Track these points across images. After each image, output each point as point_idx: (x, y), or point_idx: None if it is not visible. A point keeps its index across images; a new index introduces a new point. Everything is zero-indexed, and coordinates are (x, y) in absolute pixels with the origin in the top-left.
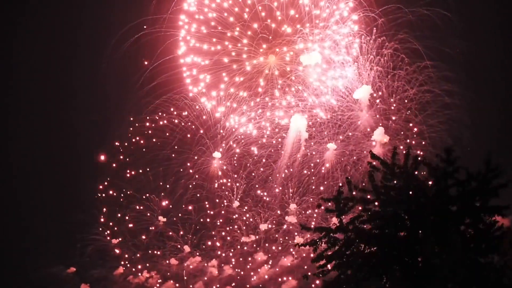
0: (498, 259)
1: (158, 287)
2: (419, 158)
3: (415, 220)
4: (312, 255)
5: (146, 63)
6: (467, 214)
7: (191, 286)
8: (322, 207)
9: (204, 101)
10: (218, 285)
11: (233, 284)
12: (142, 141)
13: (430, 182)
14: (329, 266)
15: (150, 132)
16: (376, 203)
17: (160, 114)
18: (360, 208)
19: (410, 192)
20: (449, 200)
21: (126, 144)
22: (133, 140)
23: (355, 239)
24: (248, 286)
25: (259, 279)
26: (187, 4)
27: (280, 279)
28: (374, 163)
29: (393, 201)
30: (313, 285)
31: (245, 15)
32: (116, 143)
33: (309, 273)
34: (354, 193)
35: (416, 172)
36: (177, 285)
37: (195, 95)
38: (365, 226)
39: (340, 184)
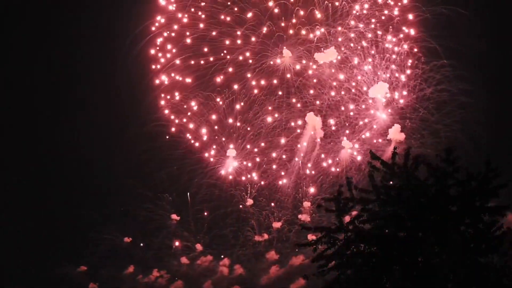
0: (498, 259)
1: (166, 287)
2: (419, 158)
3: (415, 220)
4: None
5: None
6: (467, 214)
7: (201, 285)
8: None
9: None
10: (226, 285)
11: (242, 283)
12: (156, 139)
13: (430, 182)
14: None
15: (164, 130)
16: (376, 203)
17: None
18: (360, 208)
19: (410, 192)
20: (449, 200)
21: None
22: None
23: (355, 239)
24: (257, 286)
25: (268, 279)
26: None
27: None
28: (374, 163)
29: (393, 201)
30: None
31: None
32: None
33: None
34: (354, 193)
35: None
36: (186, 284)
37: (211, 94)
38: (365, 226)
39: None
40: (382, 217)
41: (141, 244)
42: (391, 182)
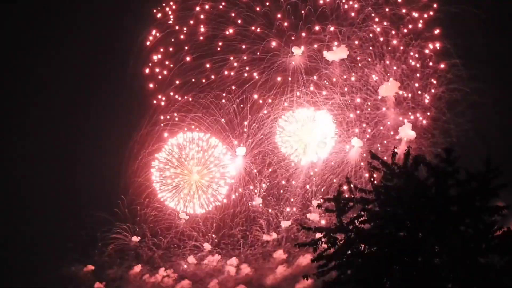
0: (498, 259)
1: (173, 286)
2: (419, 158)
3: (415, 220)
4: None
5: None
6: (467, 214)
7: (207, 285)
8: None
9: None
10: (232, 285)
11: (248, 283)
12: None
13: (430, 182)
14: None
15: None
16: (376, 203)
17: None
18: (360, 208)
19: (410, 192)
20: (449, 200)
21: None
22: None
23: (355, 239)
24: (262, 286)
25: (274, 279)
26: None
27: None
28: (374, 163)
29: (393, 201)
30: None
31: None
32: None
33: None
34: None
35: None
36: (193, 284)
37: (220, 93)
38: (365, 226)
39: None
40: (382, 217)
41: (150, 244)
42: (391, 183)
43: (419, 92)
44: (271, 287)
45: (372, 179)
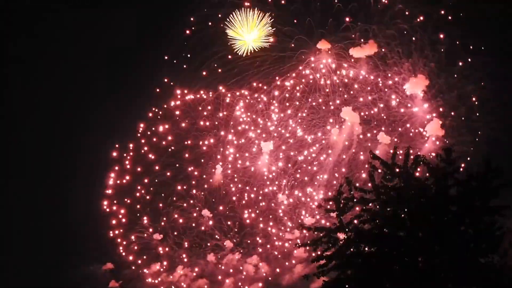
0: (498, 259)
1: (189, 285)
2: (419, 158)
3: (415, 220)
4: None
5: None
6: (467, 214)
7: (224, 284)
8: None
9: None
10: (248, 284)
11: (264, 283)
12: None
13: (430, 182)
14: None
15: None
16: (376, 203)
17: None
18: (360, 208)
19: (410, 192)
20: (449, 200)
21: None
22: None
23: (355, 239)
24: (278, 285)
25: (291, 278)
26: None
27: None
28: (374, 163)
29: (393, 201)
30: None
31: None
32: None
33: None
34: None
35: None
36: (210, 283)
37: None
38: (365, 226)
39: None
40: (382, 217)
41: (171, 243)
42: (391, 183)
43: (447, 90)
44: (287, 286)
45: (372, 179)
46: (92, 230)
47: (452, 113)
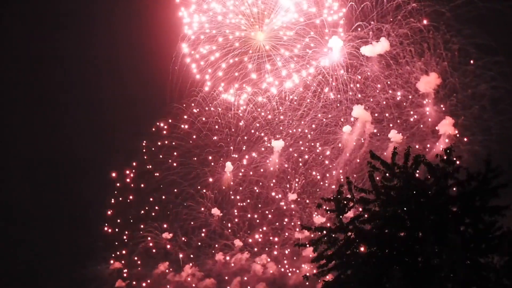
0: (498, 259)
1: (196, 285)
2: (419, 158)
3: (415, 220)
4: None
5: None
6: (467, 214)
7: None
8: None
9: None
10: (254, 284)
11: (271, 282)
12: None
13: (430, 182)
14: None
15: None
16: (376, 203)
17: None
18: (360, 208)
19: (410, 192)
20: (449, 200)
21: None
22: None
23: (355, 239)
24: (285, 284)
25: (297, 278)
26: None
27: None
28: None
29: (393, 201)
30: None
31: None
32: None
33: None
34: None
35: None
36: (217, 282)
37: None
38: (365, 226)
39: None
40: (382, 217)
41: (180, 242)
42: (391, 183)
43: (460, 89)
44: (293, 286)
45: (371, 179)
46: (100, 230)
47: (464, 112)
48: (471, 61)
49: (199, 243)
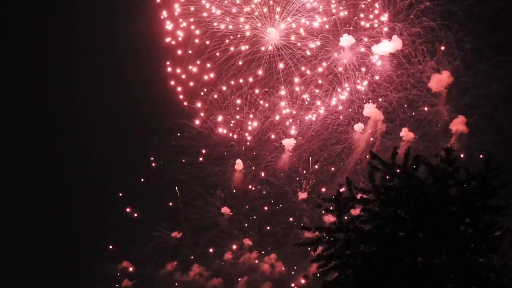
0: (498, 259)
1: (203, 284)
2: (419, 158)
3: (415, 220)
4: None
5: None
6: (467, 214)
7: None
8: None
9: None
10: (260, 283)
11: (277, 282)
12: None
13: (430, 182)
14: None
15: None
16: (376, 203)
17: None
18: (360, 208)
19: (410, 192)
20: (449, 200)
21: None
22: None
23: (355, 239)
24: (291, 284)
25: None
26: None
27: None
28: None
29: (393, 201)
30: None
31: None
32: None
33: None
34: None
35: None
36: (225, 282)
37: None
38: (365, 226)
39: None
40: (382, 217)
41: (189, 242)
42: (391, 183)
43: (472, 88)
44: (299, 286)
45: (371, 179)
46: (108, 230)
47: (475, 111)
48: (484, 60)
49: (208, 243)
